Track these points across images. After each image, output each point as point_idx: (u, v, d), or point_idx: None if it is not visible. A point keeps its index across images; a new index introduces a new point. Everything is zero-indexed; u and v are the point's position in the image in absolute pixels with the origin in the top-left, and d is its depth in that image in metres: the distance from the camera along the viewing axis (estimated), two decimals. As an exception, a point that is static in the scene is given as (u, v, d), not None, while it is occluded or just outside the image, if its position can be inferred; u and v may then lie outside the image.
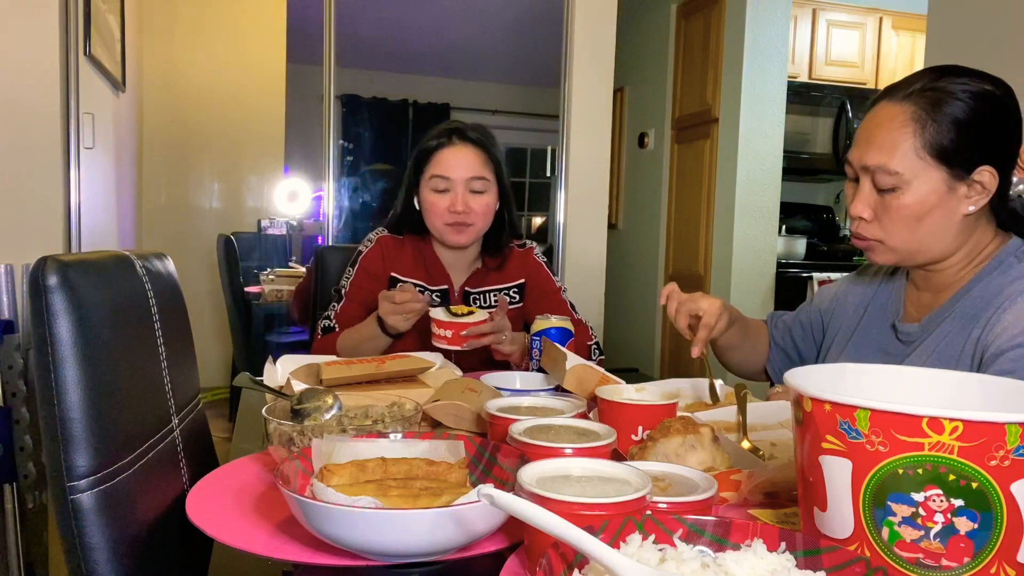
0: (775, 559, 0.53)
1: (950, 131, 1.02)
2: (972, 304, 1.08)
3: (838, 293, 1.34)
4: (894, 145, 1.04)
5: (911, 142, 1.03)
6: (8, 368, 1.87)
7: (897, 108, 1.06)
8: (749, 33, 3.75)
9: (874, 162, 1.06)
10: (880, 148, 1.05)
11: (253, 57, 4.54)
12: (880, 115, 1.07)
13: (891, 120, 1.05)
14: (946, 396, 0.67)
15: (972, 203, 1.05)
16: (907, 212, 1.06)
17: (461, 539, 0.65)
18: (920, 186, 1.04)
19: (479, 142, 1.59)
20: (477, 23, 4.96)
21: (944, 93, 1.04)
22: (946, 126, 1.02)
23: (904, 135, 1.04)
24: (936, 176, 1.03)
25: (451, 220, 1.55)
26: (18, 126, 2.19)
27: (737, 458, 0.85)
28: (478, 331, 1.40)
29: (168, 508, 0.88)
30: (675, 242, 4.40)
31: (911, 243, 1.08)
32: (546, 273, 1.71)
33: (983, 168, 1.03)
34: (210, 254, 4.19)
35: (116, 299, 0.85)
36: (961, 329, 1.07)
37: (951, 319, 1.09)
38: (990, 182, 1.04)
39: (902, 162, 1.04)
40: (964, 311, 1.08)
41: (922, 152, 1.03)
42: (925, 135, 1.03)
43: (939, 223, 1.06)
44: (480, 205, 1.57)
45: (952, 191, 1.04)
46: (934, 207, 1.05)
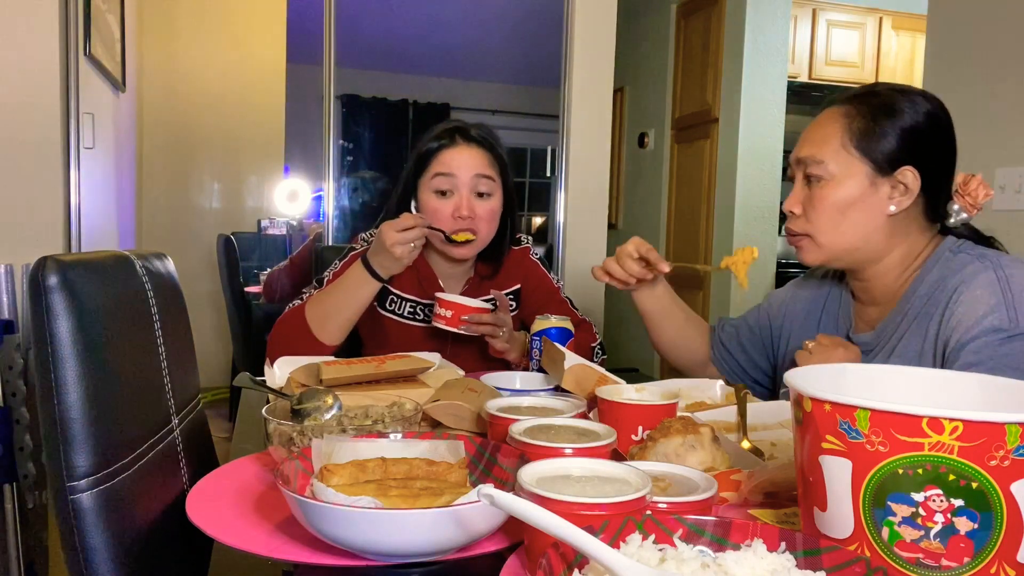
0: (775, 559, 0.53)
1: (876, 128, 1.09)
2: (920, 303, 1.10)
3: (786, 299, 1.36)
4: (825, 137, 1.12)
5: (839, 136, 1.11)
6: (8, 368, 1.87)
7: (833, 108, 1.14)
8: (749, 33, 3.75)
9: (805, 153, 1.13)
10: (812, 141, 1.14)
11: (253, 57, 4.54)
12: (821, 116, 1.16)
13: (827, 118, 1.14)
14: (946, 396, 0.67)
15: (895, 203, 1.10)
16: (830, 203, 1.11)
17: (461, 539, 0.65)
18: (844, 178, 1.10)
19: (483, 141, 1.50)
20: (477, 23, 4.96)
21: (877, 96, 1.11)
22: (873, 124, 1.09)
23: (834, 129, 1.11)
24: (860, 169, 1.10)
25: (457, 227, 1.46)
26: (18, 126, 2.19)
27: (737, 458, 0.84)
28: (478, 318, 1.39)
29: (168, 508, 0.88)
30: (675, 242, 4.40)
31: (836, 239, 1.13)
32: (542, 272, 1.65)
33: (906, 168, 1.08)
34: (210, 254, 4.19)
35: (116, 299, 0.85)
36: (916, 329, 1.09)
37: (904, 322, 1.12)
38: (913, 183, 1.08)
39: (829, 153, 1.11)
40: (914, 312, 1.11)
41: (848, 145, 1.10)
42: (853, 128, 1.10)
43: (862, 218, 1.11)
44: (485, 211, 1.48)
45: (875, 187, 1.10)
46: (856, 201, 1.10)
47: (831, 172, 1.10)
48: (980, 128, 2.34)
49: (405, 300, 1.56)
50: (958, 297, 1.04)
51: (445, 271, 1.58)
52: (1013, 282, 1.02)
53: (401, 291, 1.56)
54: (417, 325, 1.56)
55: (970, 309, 1.01)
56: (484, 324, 1.41)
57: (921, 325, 1.09)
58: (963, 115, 2.38)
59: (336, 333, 1.42)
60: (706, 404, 1.14)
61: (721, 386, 1.21)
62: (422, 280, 1.56)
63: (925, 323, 1.08)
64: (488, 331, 1.42)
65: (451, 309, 1.40)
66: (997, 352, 0.97)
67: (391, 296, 1.56)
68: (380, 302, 1.55)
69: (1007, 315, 0.98)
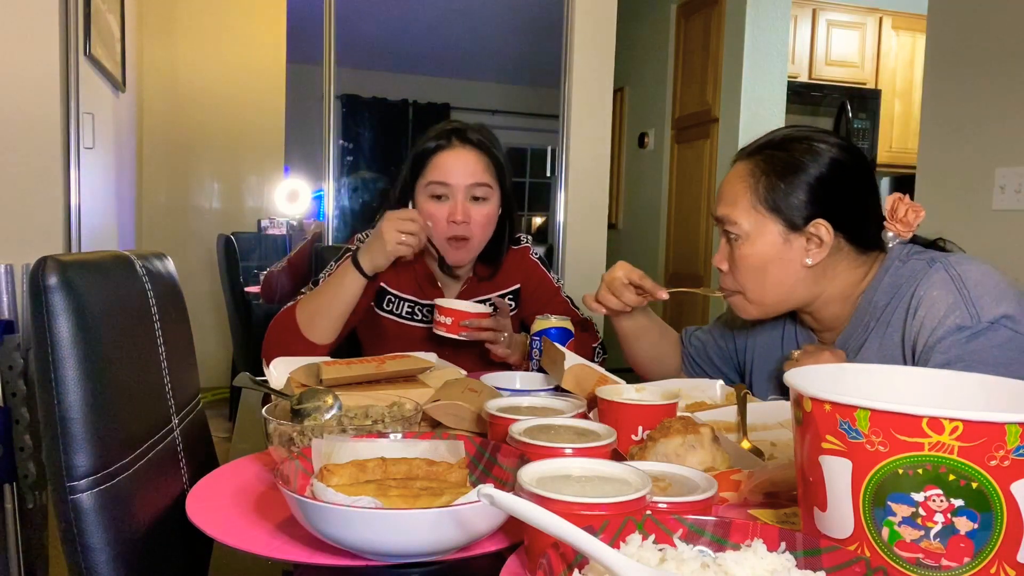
0: (775, 559, 0.53)
1: (781, 184, 1.09)
2: (878, 311, 1.11)
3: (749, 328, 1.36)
4: (736, 197, 1.13)
5: (748, 196, 1.11)
6: (8, 368, 1.87)
7: (742, 165, 1.15)
8: (749, 33, 3.75)
9: (721, 213, 1.15)
10: (725, 201, 1.15)
11: (253, 57, 4.54)
12: (731, 172, 1.17)
13: (735, 176, 1.14)
14: (946, 396, 0.67)
15: (810, 256, 1.11)
16: (749, 262, 1.13)
17: (461, 539, 0.65)
18: (757, 237, 1.12)
19: (481, 144, 1.49)
20: (477, 23, 4.96)
21: (782, 151, 1.11)
22: (778, 180, 1.09)
23: (743, 188, 1.12)
24: (772, 228, 1.11)
25: (451, 233, 1.45)
26: (18, 126, 2.19)
27: (737, 458, 0.84)
28: (478, 323, 1.39)
29: (168, 508, 0.88)
30: (675, 242, 4.40)
31: (765, 295, 1.15)
32: (543, 272, 1.65)
33: (818, 222, 1.09)
34: (210, 254, 4.19)
35: (116, 299, 0.85)
36: (878, 338, 1.10)
37: (865, 332, 1.13)
38: (826, 235, 1.09)
39: (741, 214, 1.12)
40: (874, 321, 1.11)
41: (758, 205, 1.11)
42: (759, 189, 1.11)
43: (781, 273, 1.12)
44: (481, 216, 1.47)
45: (788, 243, 1.11)
46: (773, 258, 1.12)
47: (745, 231, 1.12)
48: (980, 128, 2.34)
49: (403, 300, 1.56)
50: (917, 302, 1.05)
51: (442, 277, 1.57)
52: (967, 279, 1.03)
53: (399, 291, 1.56)
54: (416, 325, 1.56)
55: (931, 311, 1.03)
56: (485, 329, 1.40)
57: (879, 333, 1.10)
58: (963, 115, 2.40)
59: (325, 332, 1.40)
60: (706, 404, 1.14)
61: (721, 386, 1.21)
62: (420, 281, 1.56)
63: (883, 330, 1.10)
64: (489, 336, 1.42)
65: (451, 316, 1.39)
66: (965, 349, 0.98)
67: (389, 296, 1.55)
68: (378, 303, 1.55)
69: (967, 311, 1.00)
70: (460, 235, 1.46)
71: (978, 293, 1.01)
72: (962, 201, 2.39)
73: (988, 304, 1.00)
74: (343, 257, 1.50)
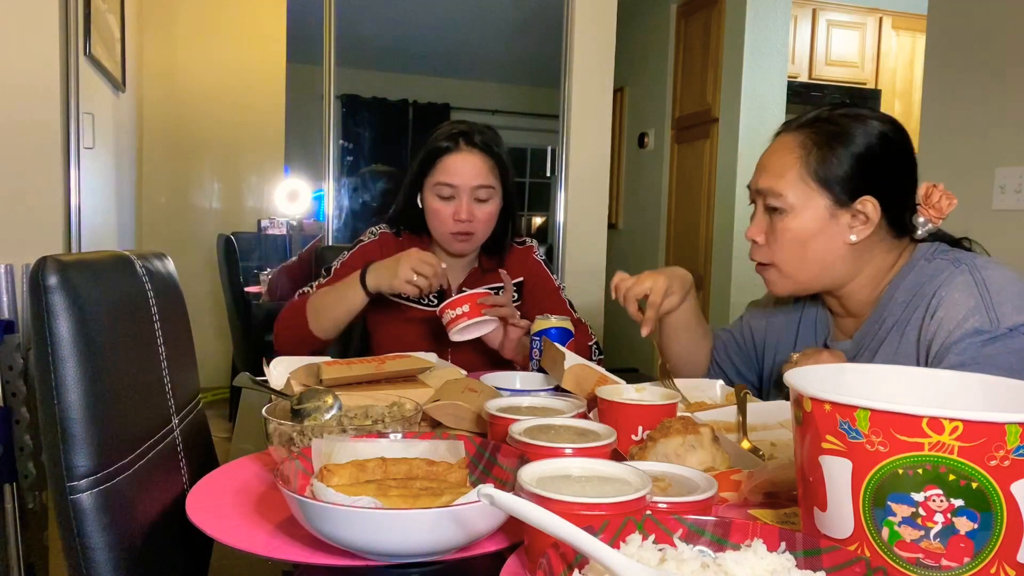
0: (775, 559, 0.53)
1: (832, 158, 1.08)
2: (899, 309, 1.11)
3: (767, 312, 1.36)
4: (782, 169, 1.10)
5: (797, 168, 1.09)
6: (8, 368, 1.87)
7: (790, 137, 1.12)
8: (749, 33, 3.75)
9: (764, 184, 1.12)
10: (770, 172, 1.12)
11: (253, 57, 4.54)
12: (775, 144, 1.14)
13: (782, 147, 1.12)
14: (946, 396, 0.67)
15: (855, 232, 1.10)
16: (792, 236, 1.11)
17: (461, 539, 0.65)
18: (803, 210, 1.10)
19: (486, 147, 1.56)
20: (477, 23, 4.96)
21: (833, 124, 1.10)
22: (829, 153, 1.08)
23: (792, 160, 1.10)
24: (819, 202, 1.09)
25: (455, 229, 1.55)
26: (18, 126, 2.19)
27: (737, 458, 0.85)
28: (491, 300, 1.39)
29: (168, 508, 0.88)
30: (675, 242, 4.40)
31: (801, 270, 1.13)
32: (545, 272, 1.71)
33: (866, 199, 1.08)
34: (210, 254, 4.19)
35: (116, 299, 0.85)
36: (896, 335, 1.10)
37: (882, 329, 1.12)
38: (872, 213, 1.08)
39: (788, 186, 1.10)
40: (893, 318, 1.11)
41: (807, 177, 1.09)
42: (810, 161, 1.09)
43: (823, 249, 1.11)
44: (484, 214, 1.56)
45: (835, 218, 1.09)
46: (817, 233, 1.10)
47: (790, 204, 1.10)
48: (980, 128, 2.34)
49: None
50: (938, 302, 1.04)
51: (448, 263, 1.63)
52: (990, 284, 1.03)
53: None
54: (420, 307, 1.61)
55: (950, 312, 1.02)
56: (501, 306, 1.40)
57: (899, 330, 1.09)
58: (963, 115, 2.40)
59: (326, 328, 1.49)
60: (706, 404, 1.14)
61: (721, 386, 1.21)
62: None
63: (903, 328, 1.09)
64: (508, 312, 1.42)
65: (466, 302, 1.36)
66: (981, 353, 0.98)
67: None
68: None
69: (987, 316, 1.00)
70: (464, 231, 1.56)
71: (1000, 299, 1.01)
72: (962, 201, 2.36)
73: (1009, 311, 0.99)
74: (355, 248, 1.63)
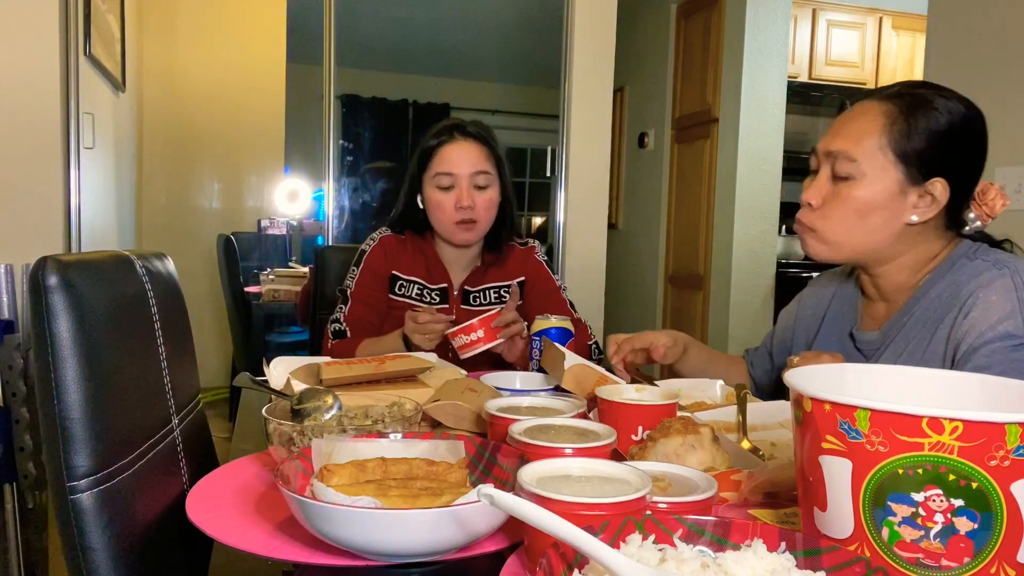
0: (775, 559, 0.53)
1: (917, 135, 1.04)
2: (931, 306, 1.09)
3: (797, 310, 1.35)
4: (861, 135, 1.07)
5: (877, 136, 1.06)
6: (8, 368, 1.87)
7: (874, 104, 1.08)
8: (749, 33, 3.75)
9: (838, 147, 1.08)
10: (847, 136, 1.08)
11: (253, 57, 4.54)
12: (857, 109, 1.11)
13: (865, 113, 1.08)
14: (946, 396, 0.67)
15: (918, 213, 1.07)
16: (854, 204, 1.08)
17: (461, 539, 0.65)
18: (873, 180, 1.06)
19: (480, 137, 1.62)
20: (477, 23, 4.96)
21: (922, 100, 1.06)
22: (915, 129, 1.05)
23: (873, 128, 1.06)
24: (892, 175, 1.06)
25: (459, 218, 1.57)
26: (18, 126, 2.19)
27: (737, 458, 0.85)
28: (503, 320, 1.39)
29: (168, 508, 0.88)
30: (675, 242, 4.40)
31: (847, 238, 1.10)
32: (546, 272, 1.72)
33: (937, 180, 1.05)
34: (210, 254, 4.19)
35: (116, 299, 0.85)
36: (924, 331, 1.08)
37: (911, 323, 1.10)
38: (941, 195, 1.06)
39: (864, 152, 1.06)
40: (924, 314, 1.09)
41: (885, 148, 1.05)
42: (893, 132, 1.05)
43: (881, 224, 1.08)
44: (484, 201, 1.59)
45: (903, 194, 1.07)
46: (881, 206, 1.07)
47: (862, 172, 1.06)
48: (980, 128, 2.33)
49: (413, 284, 1.66)
50: (973, 302, 1.02)
51: (451, 258, 1.66)
52: None
53: (409, 276, 1.66)
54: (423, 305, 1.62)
55: (984, 314, 1.00)
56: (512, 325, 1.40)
57: (929, 328, 1.07)
58: (963, 115, 2.39)
59: None
60: (706, 404, 1.14)
61: (721, 386, 1.21)
62: (429, 267, 1.66)
63: (934, 326, 1.07)
64: (517, 330, 1.42)
65: (480, 328, 1.35)
66: (1008, 357, 0.96)
67: (400, 281, 1.65)
68: (391, 288, 1.66)
69: (1021, 322, 0.98)
70: (468, 219, 1.57)
71: None
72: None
73: None
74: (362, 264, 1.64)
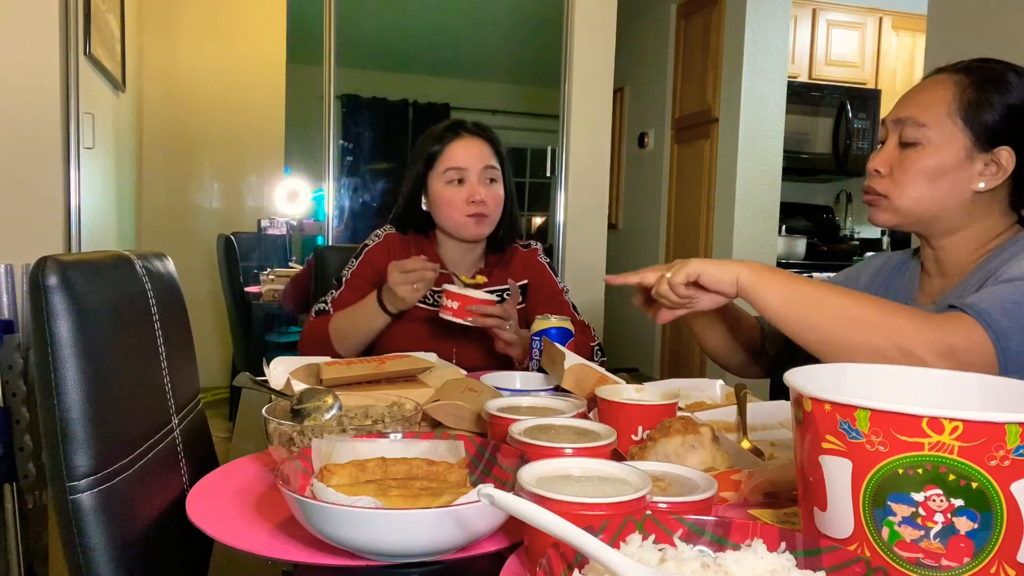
0: (775, 559, 0.53)
1: (986, 104, 1.07)
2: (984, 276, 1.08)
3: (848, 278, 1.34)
4: (930, 102, 1.10)
5: (947, 103, 1.09)
6: (8, 368, 1.87)
7: (945, 75, 1.12)
8: (749, 33, 3.75)
9: (908, 114, 1.12)
10: (916, 103, 1.12)
11: (253, 57, 4.54)
12: (927, 81, 1.14)
13: (935, 83, 1.12)
14: (946, 396, 0.67)
15: (985, 180, 1.09)
16: (921, 168, 1.10)
17: (461, 539, 0.65)
18: (941, 145, 1.09)
19: (484, 133, 1.63)
20: (477, 23, 4.96)
21: (994, 72, 1.09)
22: (984, 98, 1.07)
23: (943, 96, 1.10)
24: (959, 141, 1.08)
25: (471, 211, 1.57)
26: (18, 126, 2.19)
27: (737, 458, 0.85)
28: (483, 310, 1.41)
29: (168, 508, 0.88)
30: (675, 242, 4.40)
31: (916, 204, 1.12)
32: (549, 274, 1.72)
33: (1004, 148, 1.07)
34: (210, 254, 4.19)
35: (116, 299, 0.85)
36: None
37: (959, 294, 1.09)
38: (1007, 162, 1.07)
39: (933, 117, 1.09)
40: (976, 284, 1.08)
41: (954, 114, 1.08)
42: (963, 98, 1.08)
43: (949, 189, 1.10)
44: (493, 196, 1.59)
45: (970, 160, 1.09)
46: (948, 171, 1.09)
47: (929, 138, 1.09)
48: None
49: None
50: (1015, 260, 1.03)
51: (455, 259, 1.66)
52: None
53: None
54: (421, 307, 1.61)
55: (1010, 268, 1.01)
56: (490, 316, 1.42)
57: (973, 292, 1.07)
58: (963, 115, 2.39)
59: (352, 349, 1.54)
60: (706, 404, 1.14)
61: (721, 386, 1.21)
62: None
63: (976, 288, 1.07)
64: (494, 323, 1.44)
65: (457, 300, 1.42)
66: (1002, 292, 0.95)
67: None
68: None
69: None
70: (480, 212, 1.58)
71: None
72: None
73: None
74: (362, 256, 1.65)
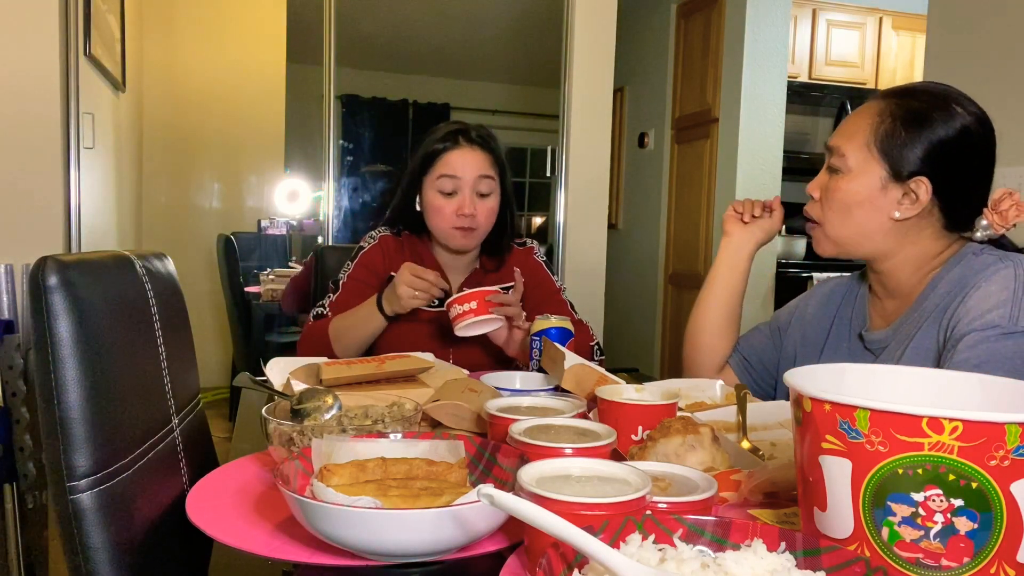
0: (775, 559, 0.53)
1: (903, 134, 1.08)
2: (939, 299, 1.09)
3: (796, 308, 1.35)
4: (853, 132, 1.13)
5: (866, 133, 1.11)
6: (8, 368, 1.87)
7: (875, 103, 1.14)
8: (749, 33, 3.75)
9: (833, 143, 1.15)
10: (843, 132, 1.15)
11: (253, 57, 4.54)
12: (862, 107, 1.16)
13: (864, 112, 1.14)
14: (946, 396, 0.67)
15: (901, 210, 1.10)
16: (840, 197, 1.13)
17: (461, 539, 0.65)
18: (858, 175, 1.12)
19: (483, 143, 1.60)
20: (477, 23, 4.96)
21: (918, 102, 1.10)
22: (901, 129, 1.08)
23: (865, 125, 1.12)
24: (875, 171, 1.10)
25: (459, 224, 1.55)
26: (18, 126, 2.19)
27: (737, 458, 0.84)
28: (499, 298, 1.39)
29: (168, 508, 0.88)
30: (675, 242, 4.40)
31: (842, 232, 1.15)
32: (546, 273, 1.71)
33: (920, 179, 1.08)
34: (210, 254, 4.19)
35: (116, 299, 0.85)
36: (931, 326, 1.09)
37: (920, 317, 1.11)
38: (923, 195, 1.08)
39: (853, 148, 1.12)
40: (932, 307, 1.10)
41: (871, 144, 1.10)
42: (880, 129, 1.10)
43: (866, 217, 1.12)
44: (485, 209, 1.57)
45: (885, 190, 1.10)
46: (864, 200, 1.12)
47: (848, 166, 1.12)
48: (980, 128, 2.33)
49: None
50: (973, 291, 1.03)
51: (449, 263, 1.65)
52: None
53: None
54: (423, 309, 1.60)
55: (978, 303, 1.01)
56: (508, 305, 1.40)
57: (936, 318, 1.08)
58: (963, 115, 2.39)
59: (351, 351, 1.54)
60: (706, 404, 1.14)
61: (721, 386, 1.21)
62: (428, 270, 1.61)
63: (939, 316, 1.08)
64: (514, 312, 1.42)
65: (474, 299, 1.37)
66: (990, 348, 0.97)
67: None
68: None
69: (1010, 313, 0.98)
70: (467, 226, 1.56)
71: None
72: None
73: None
74: (357, 259, 1.65)
